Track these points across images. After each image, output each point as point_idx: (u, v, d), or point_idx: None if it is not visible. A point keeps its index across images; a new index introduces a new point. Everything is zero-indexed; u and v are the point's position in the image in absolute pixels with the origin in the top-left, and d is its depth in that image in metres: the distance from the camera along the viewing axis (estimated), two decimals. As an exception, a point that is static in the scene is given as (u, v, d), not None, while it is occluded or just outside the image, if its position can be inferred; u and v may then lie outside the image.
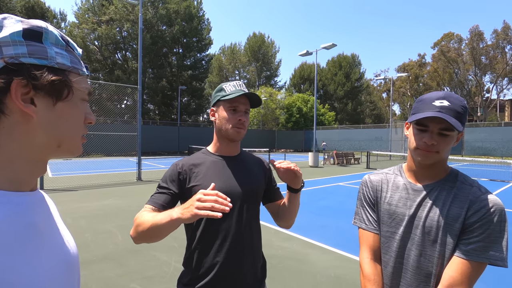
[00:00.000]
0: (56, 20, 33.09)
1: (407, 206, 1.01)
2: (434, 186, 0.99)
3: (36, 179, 0.54)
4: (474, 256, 0.87)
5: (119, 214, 5.55)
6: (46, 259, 0.48)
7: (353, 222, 1.18)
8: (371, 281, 1.01)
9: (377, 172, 1.19)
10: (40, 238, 0.49)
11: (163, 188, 1.12)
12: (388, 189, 1.08)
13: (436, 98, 0.94)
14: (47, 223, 0.54)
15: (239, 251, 1.11)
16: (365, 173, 13.53)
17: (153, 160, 18.61)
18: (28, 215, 0.48)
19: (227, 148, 1.22)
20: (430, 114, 0.90)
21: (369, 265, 1.04)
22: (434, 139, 0.92)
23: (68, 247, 0.57)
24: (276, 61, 45.42)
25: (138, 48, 10.53)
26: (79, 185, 8.43)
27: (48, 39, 0.49)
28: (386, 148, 26.54)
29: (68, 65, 0.50)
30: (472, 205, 0.91)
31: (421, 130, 0.95)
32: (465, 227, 0.91)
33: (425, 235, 0.95)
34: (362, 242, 1.11)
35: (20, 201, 0.48)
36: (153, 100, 32.77)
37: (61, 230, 0.58)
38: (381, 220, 1.07)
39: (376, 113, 53.08)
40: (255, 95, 1.18)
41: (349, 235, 4.54)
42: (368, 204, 1.13)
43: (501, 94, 40.76)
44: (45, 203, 0.57)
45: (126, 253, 3.72)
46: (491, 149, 22.18)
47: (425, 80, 44.67)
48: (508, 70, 37.67)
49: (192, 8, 33.16)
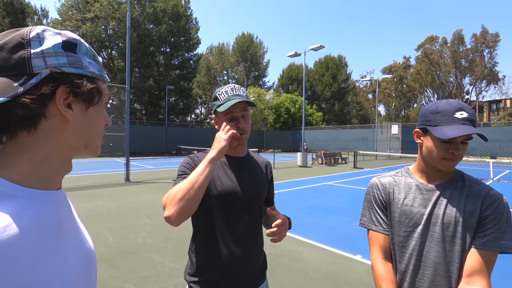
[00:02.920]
0: (37, 16, 31.98)
1: (423, 205, 1.06)
2: (446, 185, 1.06)
3: (62, 178, 0.57)
4: (489, 246, 0.96)
5: (108, 216, 5.47)
6: (70, 254, 0.52)
7: (360, 224, 1.20)
8: (385, 279, 1.05)
9: (384, 175, 1.22)
10: (66, 234, 0.52)
11: (184, 174, 1.14)
12: (401, 190, 1.12)
13: (455, 109, 0.98)
14: (70, 220, 0.58)
15: (245, 246, 1.17)
16: (353, 172, 13.83)
17: (140, 161, 18.32)
18: (57, 213, 0.52)
19: (234, 150, 1.27)
20: (463, 132, 0.94)
21: (382, 265, 1.08)
22: (460, 149, 0.99)
23: (87, 243, 0.61)
24: (264, 61, 45.53)
25: (125, 47, 10.36)
26: (65, 187, 8.21)
27: (81, 50, 0.53)
28: (372, 148, 27.15)
29: (97, 74, 0.55)
30: (485, 201, 1.00)
31: (445, 142, 1.00)
32: (480, 221, 0.99)
33: (444, 231, 1.01)
34: (372, 243, 1.14)
35: (50, 199, 0.51)
36: (140, 99, 32.22)
37: (80, 227, 0.63)
38: (397, 221, 1.10)
39: (362, 113, 54.15)
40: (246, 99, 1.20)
41: (340, 233, 4.66)
42: (379, 206, 1.15)
43: (480, 96, 42.55)
44: (67, 201, 0.61)
45: (118, 254, 3.68)
46: (471, 149, 23.05)
47: (408, 82, 45.98)
48: (486, 72, 39.34)
49: (180, 7, 32.83)
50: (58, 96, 0.48)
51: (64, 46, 0.50)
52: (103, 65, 0.61)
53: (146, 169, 13.86)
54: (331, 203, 6.97)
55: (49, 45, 0.49)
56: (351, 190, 8.93)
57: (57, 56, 0.49)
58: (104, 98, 0.57)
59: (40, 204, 0.48)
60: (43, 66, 0.47)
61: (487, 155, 21.86)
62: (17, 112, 0.45)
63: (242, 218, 1.18)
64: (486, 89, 42.51)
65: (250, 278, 1.20)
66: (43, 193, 0.50)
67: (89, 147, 0.56)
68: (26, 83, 0.46)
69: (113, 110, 23.64)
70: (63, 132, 0.51)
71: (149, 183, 9.62)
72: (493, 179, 11.15)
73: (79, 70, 0.51)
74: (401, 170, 1.20)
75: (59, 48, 0.49)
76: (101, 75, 0.57)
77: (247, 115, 1.22)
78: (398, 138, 26.42)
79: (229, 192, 1.17)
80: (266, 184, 1.33)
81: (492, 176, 11.75)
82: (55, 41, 0.49)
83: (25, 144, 0.48)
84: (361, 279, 3.14)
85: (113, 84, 12.46)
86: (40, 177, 0.50)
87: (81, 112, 0.53)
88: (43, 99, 0.47)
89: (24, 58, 0.46)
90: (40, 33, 0.49)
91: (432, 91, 45.45)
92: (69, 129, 0.51)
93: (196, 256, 1.19)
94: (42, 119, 0.48)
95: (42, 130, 0.48)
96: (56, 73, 0.48)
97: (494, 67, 39.85)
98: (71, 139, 0.52)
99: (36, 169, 0.50)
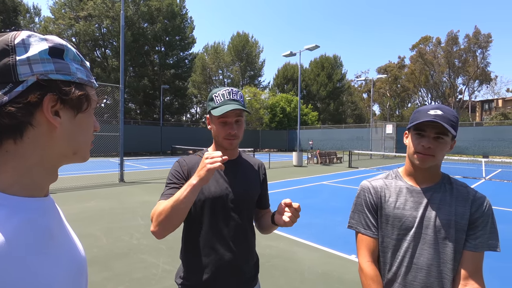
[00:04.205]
0: (29, 14, 31.56)
1: (414, 208, 1.07)
2: (435, 188, 1.09)
3: (49, 185, 0.56)
4: (481, 248, 1.01)
5: (102, 217, 5.41)
6: (60, 263, 0.50)
7: (349, 226, 1.21)
8: (375, 281, 1.08)
9: (375, 178, 1.23)
10: (55, 242, 0.51)
11: (172, 184, 1.16)
12: (391, 194, 1.14)
13: (431, 108, 1.05)
14: (59, 227, 0.56)
15: (233, 250, 1.17)
16: (348, 172, 13.90)
17: (135, 161, 18.17)
18: (44, 220, 0.50)
19: (225, 153, 1.25)
20: (427, 118, 1.01)
21: (370, 267, 1.10)
22: (430, 143, 1.03)
23: (78, 249, 0.60)
24: (260, 61, 45.53)
25: (119, 46, 10.25)
26: (58, 188, 8.11)
27: (68, 55, 0.52)
28: (367, 147, 27.34)
29: (85, 80, 0.54)
30: (474, 204, 1.04)
31: (419, 135, 1.06)
32: (470, 223, 1.03)
33: (436, 234, 1.03)
34: (360, 246, 1.15)
35: (36, 206, 0.49)
36: (135, 99, 31.98)
37: (70, 234, 0.61)
38: (389, 224, 1.11)
39: (357, 113, 54.48)
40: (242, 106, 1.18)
41: (335, 233, 4.68)
42: (369, 210, 1.16)
43: (472, 96, 43.11)
44: (56, 208, 0.59)
45: (112, 256, 3.65)
46: (464, 148, 23.37)
47: (402, 81, 46.38)
48: (478, 73, 39.85)
49: (175, 6, 32.63)
50: (45, 104, 0.47)
51: (51, 52, 0.49)
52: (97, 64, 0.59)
53: (141, 169, 13.76)
54: (326, 202, 7.00)
55: (35, 51, 0.47)
56: (346, 189, 8.98)
57: (43, 63, 0.47)
58: (93, 104, 0.56)
59: (26, 212, 0.47)
60: (29, 73, 0.46)
61: (479, 154, 22.15)
62: (2, 121, 0.44)
63: (231, 222, 1.18)
64: (479, 89, 43.24)
65: (240, 281, 1.19)
66: (29, 200, 0.48)
67: (78, 154, 0.56)
68: (12, 91, 0.44)
69: (107, 109, 23.46)
70: (50, 140, 0.50)
71: (143, 183, 9.55)
72: (485, 178, 11.30)
73: (66, 76, 0.50)
74: (391, 173, 1.21)
75: (46, 54, 0.48)
76: (89, 80, 0.55)
77: (240, 120, 1.21)
78: (393, 138, 26.64)
79: (217, 197, 1.16)
80: (258, 186, 1.32)
81: (484, 175, 11.90)
82: (41, 47, 0.48)
83: (10, 152, 0.47)
84: (355, 279, 3.16)
85: (107, 84, 12.33)
86: (26, 184, 0.49)
87: (69, 119, 0.51)
88: (30, 108, 0.46)
89: (9, 66, 0.45)
90: (26, 39, 0.47)
91: (426, 91, 45.94)
92: (57, 136, 0.50)
93: (186, 260, 1.19)
94: (29, 128, 0.47)
95: (28, 139, 0.47)
96: (43, 80, 0.47)
97: (486, 67, 40.42)
98: (59, 146, 0.51)
99: (21, 176, 0.48)
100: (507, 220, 5.49)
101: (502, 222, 5.13)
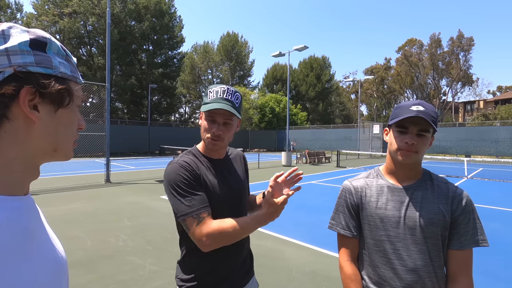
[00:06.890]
0: (11, 10, 30.43)
1: (396, 208, 1.06)
2: (417, 186, 1.08)
3: (29, 183, 0.54)
4: (466, 245, 1.01)
5: (87, 218, 5.29)
6: (40, 264, 0.49)
7: (329, 227, 1.21)
8: (354, 280, 1.10)
9: (356, 178, 1.22)
10: (34, 242, 0.50)
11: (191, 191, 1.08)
12: (373, 193, 1.12)
13: (412, 104, 1.05)
14: (39, 227, 0.55)
15: (233, 249, 1.16)
16: (336, 171, 14.08)
17: (122, 161, 17.82)
18: (23, 219, 0.49)
19: (215, 153, 1.23)
20: (410, 114, 1.01)
21: (350, 267, 1.12)
22: (414, 139, 1.02)
23: (58, 250, 0.58)
24: (249, 61, 45.46)
25: (105, 44, 10.05)
26: (42, 189, 7.87)
27: (51, 49, 0.51)
28: (355, 147, 27.75)
29: (69, 74, 0.53)
30: (454, 201, 1.04)
31: (401, 132, 1.05)
32: (452, 221, 1.03)
33: (421, 233, 1.02)
34: (341, 246, 1.17)
35: (16, 205, 0.48)
36: (122, 98, 31.34)
37: (49, 234, 0.59)
38: (372, 225, 1.09)
39: (345, 113, 55.21)
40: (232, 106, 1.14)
41: (322, 232, 4.73)
42: (350, 211, 1.16)
43: (455, 97, 44.47)
44: (35, 207, 0.58)
45: (97, 258, 3.57)
46: (447, 148, 24.07)
47: (389, 83, 47.35)
48: (461, 75, 41.12)
49: (163, 4, 32.19)
50: (22, 97, 0.45)
51: (32, 44, 0.48)
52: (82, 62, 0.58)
53: (128, 170, 13.51)
54: (314, 201, 7.06)
55: (15, 42, 0.46)
56: (334, 188, 9.09)
57: (23, 55, 0.46)
58: (76, 100, 0.55)
59: (5, 210, 0.45)
60: (6, 64, 0.45)
61: (462, 154, 22.87)
62: None
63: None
64: (461, 91, 44.62)
65: (242, 274, 1.24)
66: (7, 199, 0.47)
67: (59, 151, 0.54)
68: None
69: (93, 108, 22.91)
70: (29, 135, 0.48)
71: (130, 184, 9.38)
72: (467, 177, 11.67)
73: (47, 70, 0.48)
74: (372, 171, 1.21)
75: (26, 46, 0.47)
76: (74, 76, 0.54)
77: (230, 123, 1.15)
78: (380, 138, 27.14)
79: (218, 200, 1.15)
80: (246, 178, 1.36)
81: (467, 174, 12.29)
82: (22, 39, 0.47)
83: None
84: (342, 277, 3.20)
85: (93, 83, 12.07)
86: (5, 182, 0.47)
87: (49, 114, 0.50)
88: (5, 100, 0.44)
89: None
90: (6, 30, 0.46)
91: (411, 92, 46.99)
92: (36, 131, 0.49)
93: (187, 261, 1.17)
94: (4, 121, 0.45)
95: (4, 132, 0.46)
96: (21, 72, 0.45)
97: (468, 69, 41.75)
98: (38, 142, 0.50)
99: (0, 174, 0.47)
100: (488, 217, 5.68)
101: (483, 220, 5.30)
